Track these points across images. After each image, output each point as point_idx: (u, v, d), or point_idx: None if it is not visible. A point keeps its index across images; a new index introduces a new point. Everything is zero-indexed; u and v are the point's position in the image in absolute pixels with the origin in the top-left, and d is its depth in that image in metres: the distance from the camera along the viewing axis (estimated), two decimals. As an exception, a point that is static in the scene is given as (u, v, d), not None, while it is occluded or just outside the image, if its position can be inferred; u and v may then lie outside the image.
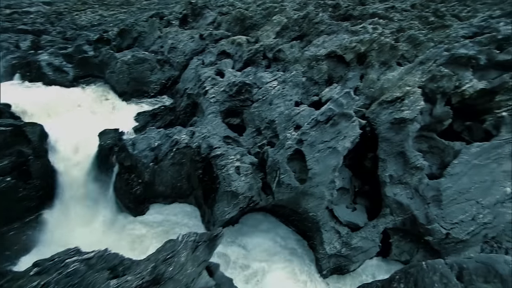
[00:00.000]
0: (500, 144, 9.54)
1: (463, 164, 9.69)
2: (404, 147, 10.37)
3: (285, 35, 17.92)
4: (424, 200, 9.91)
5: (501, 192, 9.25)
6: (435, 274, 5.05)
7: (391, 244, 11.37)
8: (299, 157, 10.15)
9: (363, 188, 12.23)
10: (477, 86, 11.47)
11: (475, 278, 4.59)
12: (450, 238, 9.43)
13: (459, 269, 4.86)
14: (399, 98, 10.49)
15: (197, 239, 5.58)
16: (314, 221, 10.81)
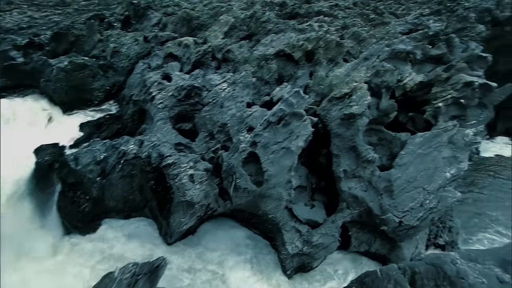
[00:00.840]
0: (438, 133, 10.16)
1: (409, 154, 10.18)
2: (355, 142, 10.64)
3: (234, 35, 17.66)
4: (377, 191, 10.25)
5: (443, 177, 9.86)
6: (389, 282, 5.16)
7: (350, 237, 11.66)
8: (254, 160, 9.96)
9: (319, 184, 12.39)
10: (416, 79, 12.15)
11: (426, 282, 4.74)
12: (402, 226, 9.86)
13: (411, 274, 5.00)
14: (347, 94, 10.74)
15: (137, 272, 5.09)
16: (274, 223, 10.71)
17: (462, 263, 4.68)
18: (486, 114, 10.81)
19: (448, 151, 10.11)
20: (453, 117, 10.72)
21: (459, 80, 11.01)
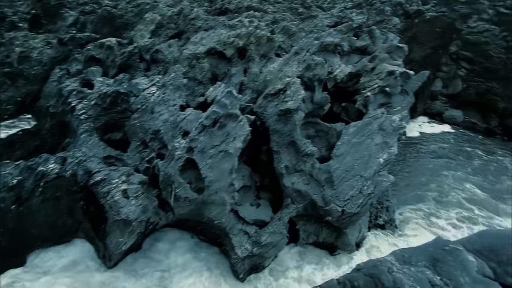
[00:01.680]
0: (369, 122, 10.67)
1: (345, 144, 10.52)
2: (293, 137, 10.67)
3: (162, 33, 16.65)
4: (319, 183, 10.44)
5: (377, 163, 10.39)
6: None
7: (298, 230, 11.78)
8: (192, 166, 9.41)
9: (263, 182, 12.29)
10: (346, 70, 12.62)
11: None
12: (345, 214, 10.19)
13: (351, 287, 5.05)
14: (282, 90, 10.70)
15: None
16: (221, 228, 10.32)
17: (398, 269, 4.84)
18: (408, 100, 11.64)
19: (379, 138, 10.66)
20: (381, 105, 11.35)
21: (383, 70, 11.67)
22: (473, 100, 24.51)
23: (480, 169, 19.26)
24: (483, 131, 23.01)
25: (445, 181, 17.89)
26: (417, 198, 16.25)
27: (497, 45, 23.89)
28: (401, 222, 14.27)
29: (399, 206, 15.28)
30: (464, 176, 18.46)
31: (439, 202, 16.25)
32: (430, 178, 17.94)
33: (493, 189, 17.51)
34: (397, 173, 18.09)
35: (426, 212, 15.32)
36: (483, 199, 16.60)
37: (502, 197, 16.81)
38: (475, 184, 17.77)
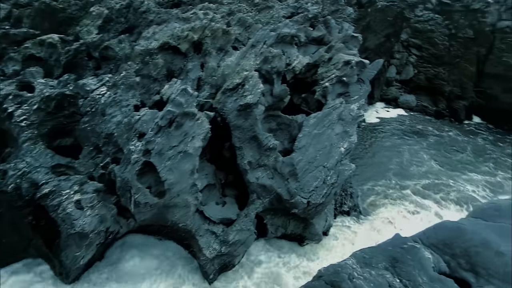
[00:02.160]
0: (329, 112, 10.77)
1: (306, 136, 10.54)
2: (255, 131, 10.51)
3: (111, 28, 15.55)
4: (283, 177, 10.40)
5: (338, 152, 10.56)
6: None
7: (266, 225, 11.73)
8: (151, 170, 8.93)
9: (228, 178, 12.06)
10: (303, 61, 12.61)
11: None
12: (311, 205, 10.27)
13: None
14: (240, 84, 10.44)
15: None
16: (186, 231, 9.97)
17: (358, 275, 4.90)
18: (365, 88, 11.91)
19: (339, 127, 10.82)
20: (339, 94, 11.50)
21: (340, 60, 11.80)
22: (424, 85, 25.90)
23: (434, 144, 20.84)
24: (433, 113, 24.45)
25: (404, 157, 19.15)
26: (379, 178, 17.05)
27: (441, 33, 25.34)
28: (365, 205, 14.79)
29: (362, 188, 15.84)
30: (421, 151, 19.87)
31: (400, 178, 17.36)
32: (389, 157, 19.11)
33: (447, 161, 19.11)
34: (358, 156, 18.86)
35: (389, 191, 16.05)
36: (440, 170, 18.14)
37: (456, 166, 18.63)
38: (432, 158, 19.25)
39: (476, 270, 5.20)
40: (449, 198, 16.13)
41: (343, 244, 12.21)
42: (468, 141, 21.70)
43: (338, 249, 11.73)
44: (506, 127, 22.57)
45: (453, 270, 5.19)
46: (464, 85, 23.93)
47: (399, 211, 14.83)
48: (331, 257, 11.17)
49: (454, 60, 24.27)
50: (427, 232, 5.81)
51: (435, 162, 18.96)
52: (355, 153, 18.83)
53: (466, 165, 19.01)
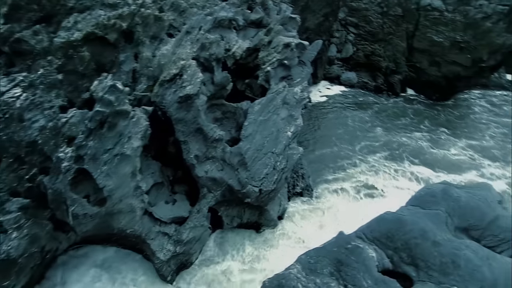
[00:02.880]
0: (273, 97, 10.63)
1: (252, 123, 10.33)
2: (199, 123, 10.03)
3: (22, 18, 13.51)
4: (233, 167, 10.16)
5: (286, 137, 10.55)
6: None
7: (221, 217, 11.50)
8: (86, 177, 8.08)
9: (176, 174, 11.52)
10: (244, 46, 12.22)
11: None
12: (263, 193, 10.21)
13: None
14: (177, 74, 9.80)
15: None
16: (135, 236, 9.36)
17: (303, 286, 4.87)
18: (307, 70, 11.94)
19: (285, 112, 10.77)
20: (282, 78, 11.39)
21: (279, 43, 11.62)
22: (363, 62, 27.06)
23: (378, 115, 22.46)
24: (373, 88, 25.78)
25: (350, 128, 20.35)
26: (329, 153, 17.72)
27: (374, 11, 26.45)
28: (318, 183, 15.18)
29: (314, 166, 16.29)
30: (366, 119, 21.50)
31: (349, 145, 18.46)
32: (336, 129, 20.10)
33: (391, 125, 21.11)
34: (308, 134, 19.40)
35: (339, 166, 16.71)
36: (386, 138, 19.72)
37: (399, 128, 20.92)
38: (377, 126, 20.78)
39: (416, 263, 5.30)
40: (399, 154, 18.20)
41: (301, 226, 12.46)
42: (406, 108, 23.66)
43: (294, 232, 11.96)
44: (434, 97, 24.63)
45: (396, 265, 5.36)
46: (398, 60, 25.46)
47: (351, 183, 15.53)
48: (287, 242, 11.38)
49: (387, 37, 25.59)
50: (371, 225, 5.91)
51: (380, 127, 20.68)
52: (305, 131, 19.41)
53: (407, 127, 21.21)
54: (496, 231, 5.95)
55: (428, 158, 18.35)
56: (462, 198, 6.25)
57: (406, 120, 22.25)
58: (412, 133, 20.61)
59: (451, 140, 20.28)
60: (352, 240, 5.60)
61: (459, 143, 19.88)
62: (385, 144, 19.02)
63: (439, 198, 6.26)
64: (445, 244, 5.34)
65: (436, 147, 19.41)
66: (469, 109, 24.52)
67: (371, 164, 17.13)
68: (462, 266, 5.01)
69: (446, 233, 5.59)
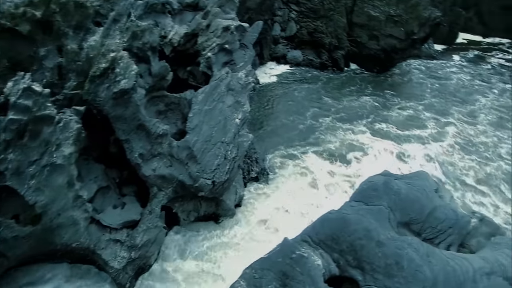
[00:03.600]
0: (217, 84, 10.20)
1: (197, 114, 9.87)
2: (140, 119, 9.33)
3: None
4: (182, 162, 9.71)
5: (234, 125, 10.27)
6: None
7: (177, 213, 11.09)
8: (11, 194, 7.13)
9: (123, 175, 10.77)
10: (181, 31, 11.47)
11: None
12: (216, 184, 9.95)
13: None
14: (109, 68, 8.90)
15: None
16: (83, 248, 8.63)
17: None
18: (249, 53, 11.60)
19: (231, 99, 10.42)
20: (224, 63, 10.94)
21: (218, 26, 11.07)
22: (307, 39, 27.30)
23: (325, 86, 23.64)
24: (318, 65, 26.27)
25: (299, 101, 21.20)
26: (281, 129, 18.01)
27: (314, -13, 26.58)
28: (273, 165, 15.29)
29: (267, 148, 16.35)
30: (315, 91, 22.68)
31: (300, 119, 19.06)
32: (287, 106, 20.57)
33: (338, 95, 22.47)
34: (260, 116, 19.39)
35: (293, 139, 17.01)
36: (334, 103, 21.29)
37: (347, 98, 22.31)
38: (324, 96, 22.08)
39: (362, 266, 5.12)
40: (349, 115, 20.00)
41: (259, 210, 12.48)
42: (350, 79, 24.95)
43: (253, 217, 11.98)
44: (375, 70, 25.84)
45: (342, 269, 5.21)
46: (340, 36, 26.07)
47: (311, 158, 15.96)
48: (247, 230, 11.38)
49: (328, 13, 25.95)
50: (315, 226, 5.71)
51: (328, 97, 22.00)
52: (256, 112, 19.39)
53: (353, 93, 22.97)
54: (434, 223, 6.07)
55: (378, 116, 20.26)
56: (402, 190, 6.25)
57: (352, 88, 23.76)
58: (359, 97, 22.33)
59: (396, 100, 22.62)
60: (297, 249, 5.34)
61: (403, 102, 22.32)
62: (335, 109, 20.66)
63: (381, 192, 6.20)
64: (388, 244, 5.24)
65: (383, 106, 21.56)
66: (407, 76, 26.50)
67: (323, 128, 18.42)
68: (405, 267, 4.93)
69: (389, 230, 5.55)
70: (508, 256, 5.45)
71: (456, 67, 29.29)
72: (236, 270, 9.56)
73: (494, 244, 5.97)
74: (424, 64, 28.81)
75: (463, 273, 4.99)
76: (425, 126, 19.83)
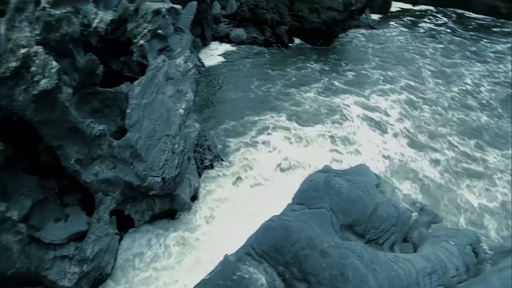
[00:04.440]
0: (154, 75, 9.46)
1: (136, 109, 9.12)
2: (70, 121, 8.38)
3: None
4: (126, 162, 9.02)
5: (178, 116, 9.69)
6: None
7: (130, 216, 10.46)
8: None
9: (62, 183, 9.80)
10: (106, 18, 10.32)
11: None
12: (167, 180, 9.45)
13: None
14: (22, 67, 7.73)
15: None
16: (22, 273, 7.78)
17: None
18: (186, 38, 10.87)
19: (171, 88, 9.77)
20: (160, 51, 10.15)
21: (148, 10, 10.14)
22: (249, 17, 26.62)
23: (272, 59, 23.92)
24: (263, 43, 25.87)
25: (248, 80, 21.07)
26: (231, 110, 17.76)
27: (250, -40, 25.64)
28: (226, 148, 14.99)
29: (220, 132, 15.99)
30: (260, 67, 22.79)
31: (251, 97, 19.31)
32: (237, 87, 20.38)
33: (284, 67, 22.88)
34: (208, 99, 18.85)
35: (245, 125, 16.80)
36: (281, 73, 21.78)
37: (294, 67, 23.01)
38: (270, 70, 22.45)
39: (308, 279, 4.84)
40: (297, 81, 21.03)
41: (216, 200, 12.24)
42: (295, 52, 25.21)
43: (210, 208, 11.74)
44: (319, 43, 26.14)
45: (288, 283, 4.79)
46: (281, 11, 25.76)
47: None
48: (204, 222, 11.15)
49: (267, -12, 25.37)
50: (259, 236, 5.33)
51: (275, 70, 22.38)
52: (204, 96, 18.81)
53: (299, 63, 23.63)
54: (377, 222, 5.91)
55: (328, 78, 21.60)
56: (343, 189, 6.03)
57: (298, 59, 24.23)
58: (305, 66, 23.21)
59: (343, 64, 24.17)
60: (238, 269, 4.84)
61: (349, 65, 24.07)
62: (283, 79, 21.31)
63: (322, 192, 5.94)
64: (333, 253, 5.00)
65: (331, 71, 23.01)
66: (350, 44, 27.56)
67: (272, 98, 19.06)
68: (350, 278, 4.72)
69: (333, 235, 5.32)
70: (446, 250, 5.62)
71: (394, 32, 31.02)
72: (195, 269, 9.41)
73: (434, 238, 6.01)
74: (364, 33, 29.85)
75: (406, 277, 4.98)
76: (376, 83, 21.75)
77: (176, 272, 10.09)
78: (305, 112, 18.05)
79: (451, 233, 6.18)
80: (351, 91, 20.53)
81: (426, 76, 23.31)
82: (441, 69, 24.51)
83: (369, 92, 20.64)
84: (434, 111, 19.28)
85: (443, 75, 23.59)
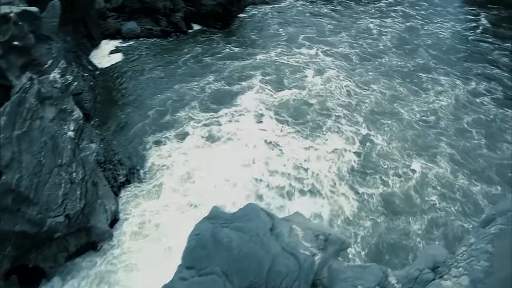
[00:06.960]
0: (21, 98, 7.71)
1: (8, 144, 7.31)
2: None
3: None
4: (11, 210, 7.40)
5: (68, 139, 8.24)
6: None
7: (39, 267, 8.87)
8: None
9: None
10: None
11: None
12: (73, 216, 8.13)
13: None
14: None
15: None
16: None
17: None
18: (56, 46, 9.17)
19: (50, 110, 8.20)
20: (23, 67, 8.36)
21: (-8, 18, 8.14)
22: (138, 7, 24.45)
23: (173, 50, 22.57)
24: (160, 34, 24.11)
25: (150, 78, 19.52)
26: (140, 116, 16.27)
27: None
28: (142, 159, 13.63)
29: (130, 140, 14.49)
30: (163, 64, 21.16)
31: (155, 94, 18.11)
32: (139, 86, 18.88)
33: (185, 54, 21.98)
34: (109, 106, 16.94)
35: (165, 134, 15.53)
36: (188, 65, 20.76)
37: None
38: (181, 62, 21.19)
39: None
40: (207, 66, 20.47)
41: (141, 217, 11.14)
42: (196, 38, 24.11)
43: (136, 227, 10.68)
44: (218, 26, 25.39)
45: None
46: (172, -3, 24.11)
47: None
48: (131, 245, 10.09)
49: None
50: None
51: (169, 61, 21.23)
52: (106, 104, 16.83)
53: (200, 49, 22.61)
54: (277, 280, 5.27)
55: (239, 57, 21.67)
56: (233, 243, 5.33)
57: (197, 45, 23.15)
58: (204, 51, 22.44)
59: (250, 37, 24.83)
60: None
61: (256, 35, 25.18)
62: (186, 67, 20.62)
63: (211, 249, 5.27)
64: None
65: (239, 45, 23.34)
66: (250, 20, 27.52)
67: (176, 91, 18.09)
68: None
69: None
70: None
71: (290, 5, 31.94)
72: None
73: (342, 282, 5.56)
74: (263, 10, 29.99)
75: None
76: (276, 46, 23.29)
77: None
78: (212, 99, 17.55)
79: (358, 273, 5.72)
80: (255, 75, 20.08)
81: (331, 35, 25.70)
82: (340, 24, 27.48)
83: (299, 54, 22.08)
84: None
85: (344, 30, 26.49)
